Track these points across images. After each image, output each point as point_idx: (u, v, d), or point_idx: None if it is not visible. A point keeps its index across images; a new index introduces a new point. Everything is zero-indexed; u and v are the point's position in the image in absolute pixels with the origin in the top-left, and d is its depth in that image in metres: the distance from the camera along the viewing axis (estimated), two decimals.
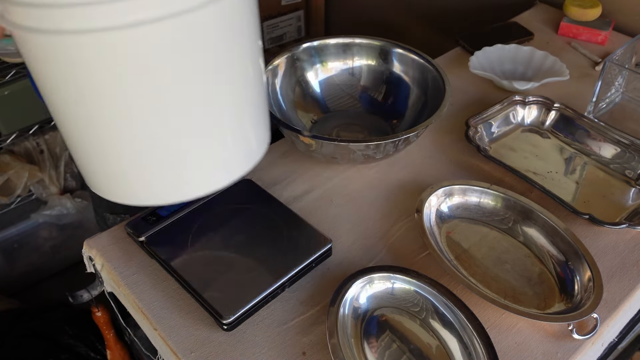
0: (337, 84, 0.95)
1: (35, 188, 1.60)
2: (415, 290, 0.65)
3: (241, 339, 0.62)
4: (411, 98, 0.91)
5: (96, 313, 0.78)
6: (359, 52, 0.94)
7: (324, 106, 0.94)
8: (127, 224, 0.72)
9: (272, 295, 0.65)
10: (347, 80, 0.95)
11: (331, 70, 0.95)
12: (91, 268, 0.75)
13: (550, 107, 0.91)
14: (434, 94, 0.86)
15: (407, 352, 0.60)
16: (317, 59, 0.94)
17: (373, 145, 0.75)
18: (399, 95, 0.93)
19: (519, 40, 1.10)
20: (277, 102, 0.88)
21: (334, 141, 0.75)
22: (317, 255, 0.68)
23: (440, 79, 0.85)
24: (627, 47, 0.95)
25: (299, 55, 0.92)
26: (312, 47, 0.93)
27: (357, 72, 0.95)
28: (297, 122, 0.90)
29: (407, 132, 0.75)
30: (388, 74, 0.94)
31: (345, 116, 0.94)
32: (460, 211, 0.76)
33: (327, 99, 0.95)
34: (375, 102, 0.94)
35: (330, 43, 0.93)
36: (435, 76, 0.86)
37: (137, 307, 0.66)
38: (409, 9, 1.59)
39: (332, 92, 0.95)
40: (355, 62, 0.95)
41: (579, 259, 0.68)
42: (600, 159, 0.85)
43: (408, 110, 0.91)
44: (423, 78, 0.89)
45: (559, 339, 0.63)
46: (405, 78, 0.92)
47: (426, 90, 0.89)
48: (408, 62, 0.91)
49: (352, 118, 0.93)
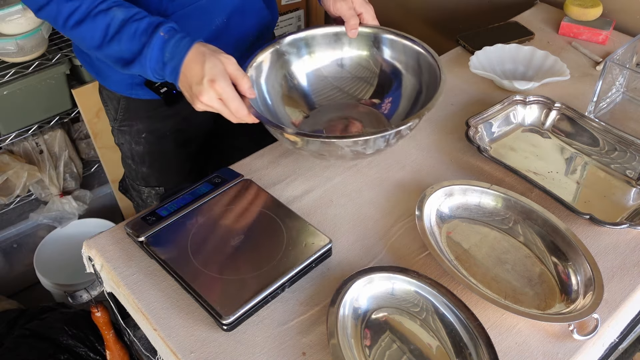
0: (327, 77, 0.90)
1: (34, 188, 1.60)
2: (415, 291, 0.65)
3: (241, 339, 0.62)
4: (405, 87, 0.86)
5: (96, 313, 0.78)
6: (349, 42, 0.89)
7: (315, 100, 0.90)
8: (127, 224, 0.72)
9: (272, 295, 0.65)
10: (337, 72, 0.90)
11: (320, 62, 0.90)
12: (91, 268, 0.75)
13: (551, 107, 0.91)
14: (429, 82, 0.81)
15: (407, 352, 0.60)
16: (304, 51, 0.89)
17: (361, 141, 0.71)
18: (392, 85, 0.88)
19: (519, 40, 1.10)
20: (263, 99, 0.83)
21: (319, 138, 0.71)
22: (317, 255, 0.68)
23: (436, 65, 0.80)
24: (628, 46, 0.95)
25: (285, 49, 0.87)
26: (298, 39, 0.87)
27: (348, 63, 0.90)
28: (285, 119, 0.86)
29: (398, 124, 0.71)
30: (380, 62, 0.88)
31: (338, 109, 0.89)
32: (460, 211, 0.76)
33: (317, 93, 0.90)
34: (368, 93, 0.90)
35: (317, 34, 0.88)
36: (431, 63, 0.81)
37: (136, 307, 0.66)
38: (409, 9, 1.59)
39: (322, 86, 0.90)
40: (345, 53, 0.89)
41: (579, 259, 0.68)
42: (601, 159, 0.85)
43: (402, 100, 0.86)
44: (417, 65, 0.85)
45: (560, 339, 0.63)
46: (398, 66, 0.87)
47: (420, 78, 0.84)
48: (400, 48, 0.86)
49: (345, 111, 0.89)
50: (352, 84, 0.91)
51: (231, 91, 0.70)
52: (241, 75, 0.72)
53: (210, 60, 0.69)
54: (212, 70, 0.69)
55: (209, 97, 0.70)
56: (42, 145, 1.57)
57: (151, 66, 0.73)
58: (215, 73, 0.69)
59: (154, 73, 0.74)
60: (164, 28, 0.72)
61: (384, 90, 0.89)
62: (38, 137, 1.55)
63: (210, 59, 0.69)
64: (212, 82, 0.69)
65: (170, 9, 0.82)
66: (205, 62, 0.69)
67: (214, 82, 0.69)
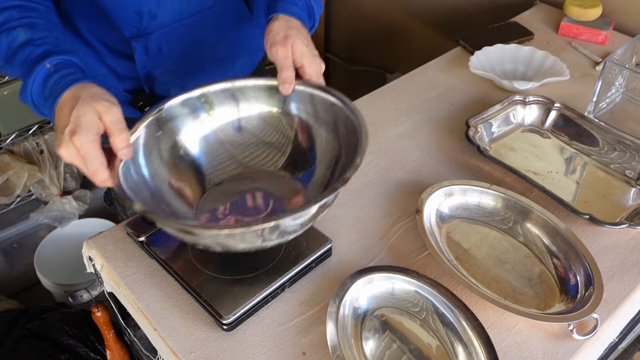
0: (223, 142, 0.72)
1: (34, 188, 1.60)
2: (415, 291, 0.65)
3: (241, 339, 0.62)
4: (319, 146, 0.70)
5: (96, 313, 0.78)
6: (245, 98, 0.70)
7: (211, 174, 0.71)
8: (127, 224, 0.72)
9: (272, 295, 0.65)
10: (234, 137, 0.72)
11: (216, 124, 0.71)
12: (91, 268, 0.75)
13: (551, 107, 0.91)
14: (347, 137, 0.65)
15: (407, 352, 0.60)
16: (200, 112, 0.70)
17: (259, 230, 0.53)
18: (305, 145, 0.71)
19: (519, 40, 1.10)
20: (146, 185, 0.63)
21: (190, 231, 0.54)
22: (317, 255, 0.68)
23: (354, 116, 0.64)
24: (628, 46, 0.95)
25: (165, 118, 0.67)
26: (177, 104, 0.68)
27: (246, 124, 0.72)
28: (177, 204, 0.66)
29: (300, 208, 0.53)
30: (287, 119, 0.71)
31: (244, 181, 0.71)
32: (460, 211, 0.76)
33: (212, 165, 0.71)
34: (277, 159, 0.72)
35: (213, 90, 0.69)
36: (347, 115, 0.65)
37: (136, 307, 0.66)
38: (409, 9, 1.59)
39: (218, 154, 0.71)
40: (242, 113, 0.71)
41: (579, 259, 0.68)
42: (601, 159, 0.85)
43: (318, 161, 0.70)
44: (332, 119, 0.68)
45: (559, 339, 0.63)
46: (309, 122, 0.70)
47: (338, 136, 0.68)
48: (307, 99, 0.69)
49: (251, 182, 0.71)
50: (257, 147, 0.73)
51: (92, 149, 0.55)
52: (118, 130, 0.57)
53: (82, 107, 0.56)
54: (78, 120, 0.55)
55: (67, 152, 0.56)
56: (42, 145, 1.57)
57: (34, 100, 0.62)
58: (79, 123, 0.55)
59: (38, 108, 0.62)
60: (54, 59, 0.61)
61: (298, 156, 0.72)
62: (38, 137, 1.55)
63: (82, 106, 0.56)
64: (73, 133, 0.55)
65: (151, 28, 0.78)
66: (75, 107, 0.56)
67: (74, 134, 0.55)
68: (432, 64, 1.08)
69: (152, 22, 0.77)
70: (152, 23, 0.77)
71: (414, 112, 0.96)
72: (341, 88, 0.67)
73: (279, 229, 0.55)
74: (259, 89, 0.70)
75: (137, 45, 0.79)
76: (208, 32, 0.84)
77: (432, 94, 1.00)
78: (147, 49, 0.80)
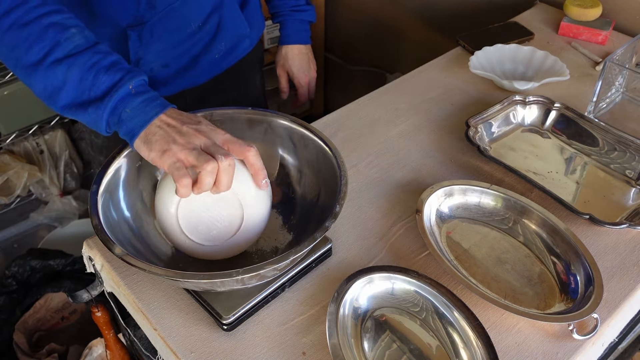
0: None
1: (34, 188, 1.60)
2: (415, 291, 0.65)
3: (241, 339, 0.62)
4: (300, 184, 0.72)
5: (96, 313, 0.78)
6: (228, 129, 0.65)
7: None
8: None
9: (272, 295, 0.65)
10: None
11: None
12: (91, 268, 0.75)
13: (551, 107, 0.91)
14: (327, 174, 0.67)
15: (407, 352, 0.60)
16: None
17: (238, 278, 0.54)
18: (285, 184, 0.73)
19: (519, 40, 1.10)
20: (127, 223, 0.64)
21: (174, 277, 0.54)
22: (317, 255, 0.68)
23: (330, 152, 0.64)
24: (628, 46, 0.95)
25: None
26: None
27: None
28: (159, 241, 0.67)
29: (280, 258, 0.55)
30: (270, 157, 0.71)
31: None
32: (460, 211, 0.76)
33: None
34: None
35: None
36: (322, 149, 0.66)
37: (137, 307, 0.66)
38: (409, 9, 1.59)
39: None
40: None
41: (579, 259, 0.68)
42: (601, 159, 0.85)
43: (298, 200, 0.71)
44: (313, 156, 0.69)
45: (559, 339, 0.63)
46: (288, 159, 0.71)
47: (318, 176, 0.69)
48: (285, 135, 0.70)
49: None
50: None
51: None
52: (234, 140, 0.60)
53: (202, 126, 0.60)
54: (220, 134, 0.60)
55: None
56: (42, 145, 1.57)
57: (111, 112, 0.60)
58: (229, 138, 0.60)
59: (108, 125, 0.61)
60: (136, 81, 0.60)
61: (279, 190, 0.73)
62: (38, 137, 1.55)
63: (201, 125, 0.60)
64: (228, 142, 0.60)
65: (146, 17, 0.78)
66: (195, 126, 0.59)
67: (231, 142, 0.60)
68: (432, 64, 1.08)
69: (150, 11, 0.78)
70: (149, 12, 0.78)
71: (414, 112, 0.96)
72: (341, 88, 0.67)
73: (258, 276, 0.57)
74: (238, 121, 0.72)
75: (132, 34, 0.79)
76: (194, 13, 0.83)
77: (432, 94, 1.00)
78: (140, 36, 0.80)
